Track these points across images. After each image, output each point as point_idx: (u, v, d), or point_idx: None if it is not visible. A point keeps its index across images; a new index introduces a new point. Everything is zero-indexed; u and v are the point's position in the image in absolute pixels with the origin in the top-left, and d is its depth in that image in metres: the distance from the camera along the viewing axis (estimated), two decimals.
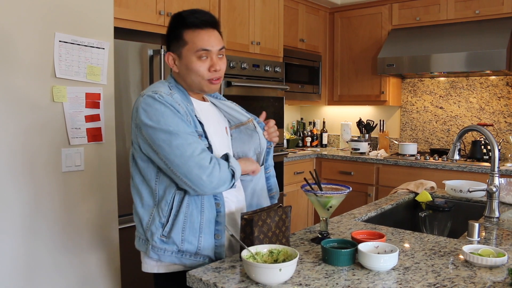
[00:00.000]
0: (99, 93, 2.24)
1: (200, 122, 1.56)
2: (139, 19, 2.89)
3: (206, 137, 1.55)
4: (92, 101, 2.21)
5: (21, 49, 1.96)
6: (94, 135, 2.23)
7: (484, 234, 1.76)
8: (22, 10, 1.95)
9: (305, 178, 1.67)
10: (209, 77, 1.56)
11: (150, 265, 1.61)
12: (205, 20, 1.52)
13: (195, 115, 1.56)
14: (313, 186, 1.62)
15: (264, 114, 1.80)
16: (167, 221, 1.53)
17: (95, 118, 2.23)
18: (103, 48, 2.24)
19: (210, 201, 1.56)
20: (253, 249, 1.33)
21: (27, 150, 2.00)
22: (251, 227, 1.43)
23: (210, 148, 1.55)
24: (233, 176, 1.50)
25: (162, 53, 2.85)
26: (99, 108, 2.24)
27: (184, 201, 1.52)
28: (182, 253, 1.54)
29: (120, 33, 2.80)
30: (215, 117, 1.69)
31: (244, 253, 1.30)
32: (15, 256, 1.98)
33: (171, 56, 1.61)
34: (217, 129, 1.67)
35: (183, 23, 1.54)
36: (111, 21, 2.29)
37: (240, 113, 1.75)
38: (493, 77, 4.34)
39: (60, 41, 2.08)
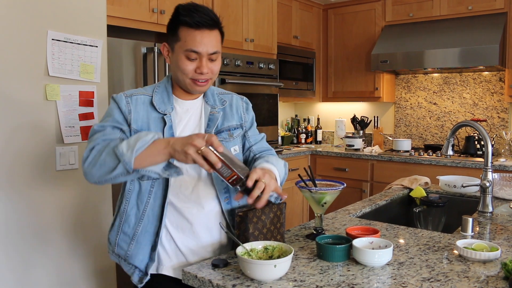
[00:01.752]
0: (93, 91, 2.23)
1: (168, 123, 1.52)
2: (132, 16, 2.88)
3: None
4: (86, 99, 2.20)
5: (13, 48, 1.95)
6: (88, 133, 2.22)
7: (477, 228, 1.77)
8: (14, 8, 1.94)
9: (299, 175, 1.67)
10: (193, 77, 1.50)
11: None
12: (201, 21, 1.45)
13: (164, 116, 1.52)
14: (307, 182, 1.62)
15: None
16: (112, 222, 1.61)
17: (89, 116, 2.22)
18: (96, 46, 2.23)
19: (154, 211, 1.52)
20: (248, 245, 1.33)
21: (21, 148, 1.99)
22: (245, 223, 1.43)
23: None
24: (119, 158, 1.32)
25: (156, 50, 2.84)
26: (92, 106, 2.23)
27: (122, 205, 1.55)
28: (118, 256, 1.58)
29: (113, 31, 2.79)
30: (196, 118, 1.60)
31: (239, 250, 1.30)
32: (9, 254, 1.97)
33: (166, 47, 1.56)
34: (187, 127, 1.58)
35: (180, 19, 1.47)
36: (104, 19, 2.28)
37: (233, 117, 1.67)
38: (486, 72, 4.36)
39: (53, 39, 2.07)
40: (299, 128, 5.32)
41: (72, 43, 2.14)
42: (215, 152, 1.28)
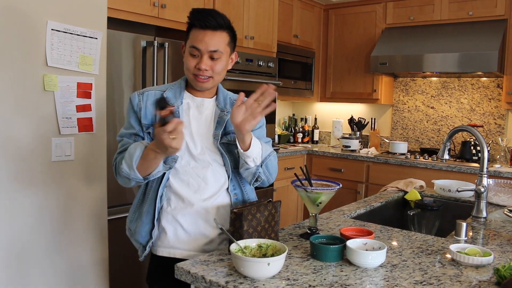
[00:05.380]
0: (91, 83, 2.22)
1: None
2: (133, 10, 2.87)
3: None
4: (84, 91, 2.19)
5: (13, 37, 1.94)
6: (85, 125, 2.21)
7: (471, 233, 1.77)
8: None
9: (295, 174, 1.68)
10: (194, 72, 1.60)
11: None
12: (205, 22, 1.56)
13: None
14: (303, 181, 1.63)
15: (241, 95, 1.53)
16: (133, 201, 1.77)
17: (86, 108, 2.21)
18: (96, 38, 2.22)
19: (153, 194, 1.65)
20: (242, 243, 1.34)
21: (17, 138, 1.98)
22: (240, 221, 1.43)
23: None
24: (128, 177, 1.55)
25: (155, 44, 2.83)
26: (90, 98, 2.22)
27: (141, 187, 1.72)
28: (130, 231, 1.73)
29: (114, 23, 2.78)
30: (208, 117, 1.67)
31: (233, 247, 1.30)
32: (6, 244, 1.97)
33: (183, 47, 1.68)
34: (201, 127, 1.66)
35: (190, 21, 1.61)
36: (104, 10, 2.27)
37: None
38: (485, 78, 4.37)
39: (52, 29, 2.05)
40: (296, 127, 5.32)
41: (71, 34, 2.13)
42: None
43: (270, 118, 4.15)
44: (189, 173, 1.63)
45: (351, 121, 4.87)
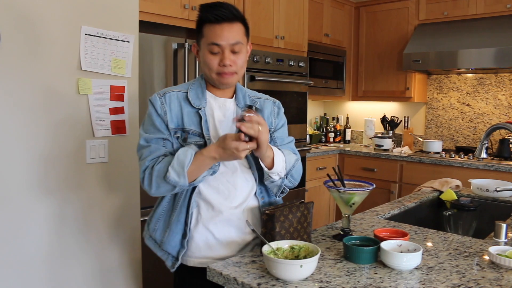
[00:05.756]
0: (124, 86, 2.25)
1: (203, 118, 1.57)
2: (164, 12, 2.90)
3: (202, 135, 1.56)
4: (117, 93, 2.23)
5: (48, 42, 1.99)
6: (118, 128, 2.25)
7: (511, 235, 1.71)
8: (50, 3, 1.98)
9: (328, 174, 1.66)
10: (218, 71, 1.54)
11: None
12: (220, 16, 1.49)
13: (199, 111, 1.57)
14: (336, 182, 1.60)
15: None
16: (153, 209, 1.68)
17: (119, 110, 2.24)
18: (128, 41, 2.25)
19: (184, 202, 1.59)
20: (274, 244, 1.33)
21: (53, 141, 2.03)
22: (272, 222, 1.42)
23: (202, 146, 1.54)
24: (175, 185, 1.49)
25: (186, 46, 2.85)
26: (123, 101, 2.26)
27: (166, 196, 1.63)
28: (154, 241, 1.66)
29: (145, 26, 2.82)
30: (228, 116, 1.62)
31: (265, 248, 1.29)
32: (44, 243, 2.02)
33: (195, 47, 1.62)
34: (226, 129, 1.60)
35: (202, 17, 1.54)
36: (136, 14, 2.31)
37: None
38: None
39: (86, 34, 2.10)
40: (328, 127, 5.27)
41: (104, 38, 2.16)
42: (246, 139, 1.40)
43: (301, 118, 4.12)
44: (219, 179, 1.58)
45: (383, 120, 4.80)
